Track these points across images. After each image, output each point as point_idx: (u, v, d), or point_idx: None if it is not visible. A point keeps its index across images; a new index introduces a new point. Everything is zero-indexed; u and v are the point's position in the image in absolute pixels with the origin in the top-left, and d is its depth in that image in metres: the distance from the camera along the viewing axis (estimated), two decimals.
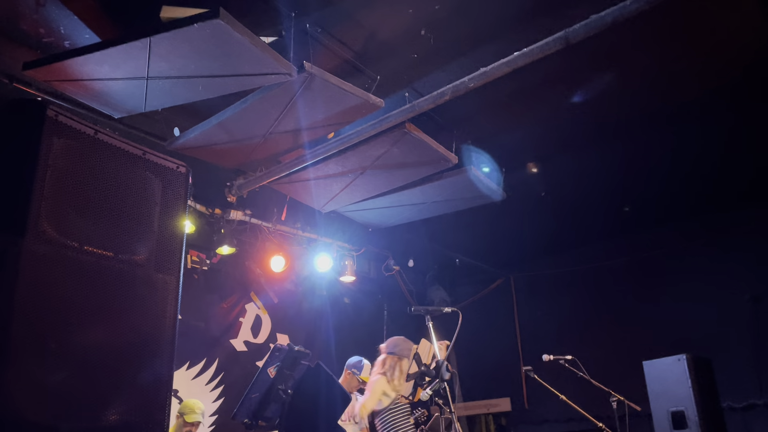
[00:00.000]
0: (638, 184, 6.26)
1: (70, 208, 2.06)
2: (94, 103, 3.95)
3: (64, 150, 2.05)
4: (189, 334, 5.86)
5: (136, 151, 2.28)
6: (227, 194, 5.19)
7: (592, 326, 7.45)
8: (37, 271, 1.95)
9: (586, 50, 3.70)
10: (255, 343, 6.64)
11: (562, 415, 7.06)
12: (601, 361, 5.94)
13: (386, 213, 5.92)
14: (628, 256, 7.35)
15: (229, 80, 3.64)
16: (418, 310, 3.68)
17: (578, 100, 4.80)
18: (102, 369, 2.14)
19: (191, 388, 5.79)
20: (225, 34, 3.17)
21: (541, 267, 8.10)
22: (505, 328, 8.25)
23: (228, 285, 6.52)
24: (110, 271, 2.16)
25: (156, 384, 2.31)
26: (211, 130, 4.28)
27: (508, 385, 7.91)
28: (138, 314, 2.24)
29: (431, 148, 4.59)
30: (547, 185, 6.25)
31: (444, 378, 3.37)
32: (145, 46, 3.31)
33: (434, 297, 7.92)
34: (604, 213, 6.91)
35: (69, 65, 3.51)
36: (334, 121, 4.29)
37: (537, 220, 7.04)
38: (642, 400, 5.27)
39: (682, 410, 5.22)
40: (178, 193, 2.40)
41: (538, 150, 5.63)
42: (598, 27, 3.27)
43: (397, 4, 3.77)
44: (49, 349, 2.01)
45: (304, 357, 3.41)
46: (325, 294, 7.32)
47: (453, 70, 4.24)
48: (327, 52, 4.06)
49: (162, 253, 2.32)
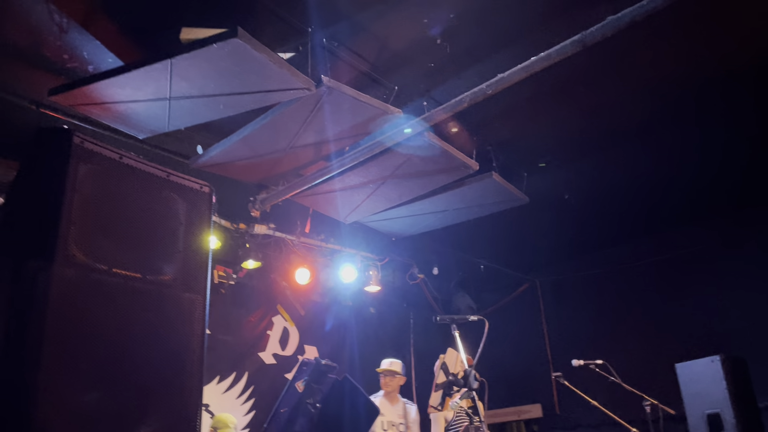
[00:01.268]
0: (663, 182, 6.17)
1: (98, 232, 2.10)
2: (119, 125, 4.04)
3: (90, 175, 2.10)
4: (218, 348, 5.92)
5: (160, 174, 2.32)
6: (251, 209, 5.24)
7: (621, 329, 7.34)
8: (68, 295, 1.99)
9: (604, 51, 3.67)
10: (283, 355, 6.67)
11: (594, 419, 6.95)
12: (633, 364, 5.85)
13: (409, 222, 5.93)
14: (655, 256, 7.24)
15: (249, 97, 3.69)
16: (443, 320, 3.67)
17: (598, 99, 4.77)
18: (133, 388, 2.17)
19: (222, 402, 5.84)
20: (244, 53, 3.22)
21: (567, 270, 8.02)
22: (532, 333, 8.17)
23: (254, 299, 6.58)
24: (138, 292, 2.20)
25: (186, 401, 2.34)
26: (233, 147, 4.34)
27: (539, 391, 7.83)
28: (167, 333, 2.27)
29: (451, 155, 4.59)
30: (569, 187, 6.19)
31: (472, 387, 3.36)
32: (166, 67, 3.38)
33: (460, 304, 7.89)
34: (628, 213, 6.81)
35: (93, 89, 3.59)
36: (353, 132, 4.32)
37: (561, 223, 6.97)
38: (676, 403, 5.17)
39: (717, 412, 5.11)
40: (202, 212, 2.44)
41: (559, 152, 5.58)
42: (615, 28, 3.25)
43: (411, 14, 3.78)
44: (81, 370, 2.04)
45: (331, 370, 3.42)
46: (351, 305, 7.35)
47: (470, 77, 4.23)
48: (344, 65, 4.09)
49: (188, 272, 2.36)
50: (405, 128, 4.16)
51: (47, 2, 3.46)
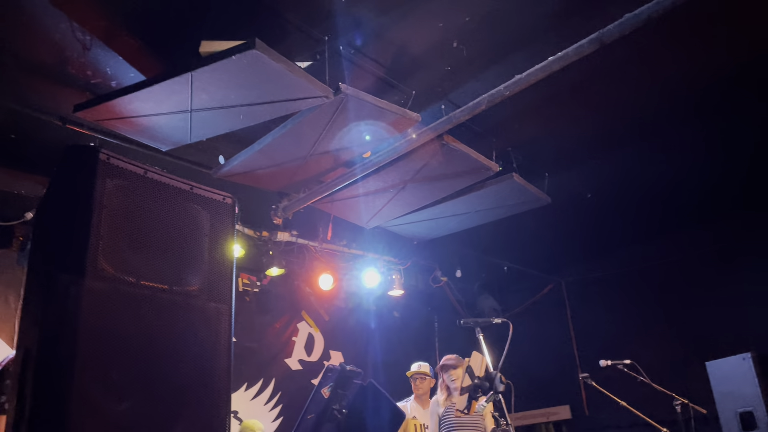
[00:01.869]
0: (686, 179, 6.08)
1: (125, 245, 2.16)
2: (142, 138, 4.11)
3: (116, 190, 2.15)
4: (244, 355, 5.99)
5: (184, 186, 2.37)
6: (273, 217, 5.29)
7: (649, 328, 7.25)
8: (98, 307, 2.05)
9: (622, 49, 3.64)
10: (309, 361, 6.71)
11: (624, 420, 6.86)
12: (662, 364, 5.78)
13: (430, 225, 5.93)
14: (681, 253, 7.14)
15: (269, 107, 3.73)
16: (467, 323, 3.66)
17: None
18: (163, 397, 2.22)
19: (250, 409, 5.90)
20: (262, 64, 3.27)
21: (592, 270, 7.94)
22: (559, 333, 8.10)
23: (279, 305, 6.63)
24: (166, 303, 2.25)
25: (215, 408, 2.38)
26: (254, 156, 4.39)
27: (567, 392, 7.75)
28: (194, 343, 2.31)
29: (471, 157, 4.59)
30: (592, 186, 6.14)
31: (498, 390, 3.35)
32: (186, 80, 3.44)
33: (484, 306, 7.85)
34: (652, 210, 6.73)
35: (116, 104, 3.67)
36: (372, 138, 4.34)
37: (584, 223, 6.91)
38: (707, 403, 5.10)
39: (750, 410, 5.04)
40: (225, 223, 2.48)
41: (579, 151, 5.54)
42: (633, 25, 3.23)
43: (427, 19, 3.79)
44: (113, 380, 2.09)
45: (356, 376, 3.44)
46: (375, 309, 7.36)
47: (488, 78, 4.22)
48: (361, 71, 4.11)
49: (214, 282, 2.40)
50: (423, 132, 4.17)
51: (71, 20, 3.54)
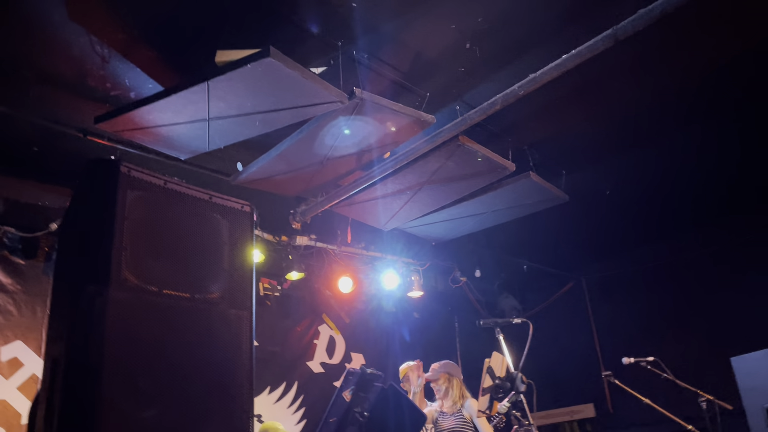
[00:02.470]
0: (707, 173, 6.01)
1: (148, 255, 2.21)
2: (162, 147, 4.18)
3: (138, 202, 2.20)
4: (267, 359, 6.04)
5: (203, 196, 2.41)
6: (292, 221, 5.34)
7: (672, 324, 7.17)
8: (123, 317, 2.09)
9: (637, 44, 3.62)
10: (331, 364, 6.75)
11: (649, 418, 6.75)
12: (686, 360, 5.72)
13: (448, 226, 5.93)
14: (702, 249, 7.05)
15: (285, 113, 3.77)
16: (487, 323, 3.67)
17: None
18: (187, 403, 2.26)
19: (274, 412, 5.94)
20: (277, 71, 3.31)
21: (613, 267, 7.87)
22: (581, 331, 8.04)
23: (300, 309, 6.67)
24: (188, 311, 2.29)
25: (238, 414, 2.42)
26: (272, 162, 4.44)
27: (591, 390, 7.69)
28: (216, 349, 2.35)
29: (487, 157, 4.59)
30: (610, 183, 6.09)
31: (519, 389, 3.35)
32: (203, 89, 3.49)
33: (504, 306, 7.83)
34: (672, 206, 6.66)
35: (136, 115, 3.74)
36: (387, 141, 4.37)
37: (603, 220, 6.86)
38: (733, 398, 5.02)
39: None
40: (244, 231, 2.52)
41: (597, 147, 5.50)
42: (647, 21, 3.21)
43: (439, 21, 3.81)
44: (140, 388, 2.14)
45: (377, 379, 3.46)
46: (395, 311, 7.37)
47: (502, 78, 4.21)
48: (375, 75, 4.14)
49: (234, 289, 2.44)
50: (438, 134, 4.18)
51: (89, 34, 3.62)
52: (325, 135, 4.15)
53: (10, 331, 4.66)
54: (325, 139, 4.21)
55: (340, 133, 4.12)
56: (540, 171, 5.15)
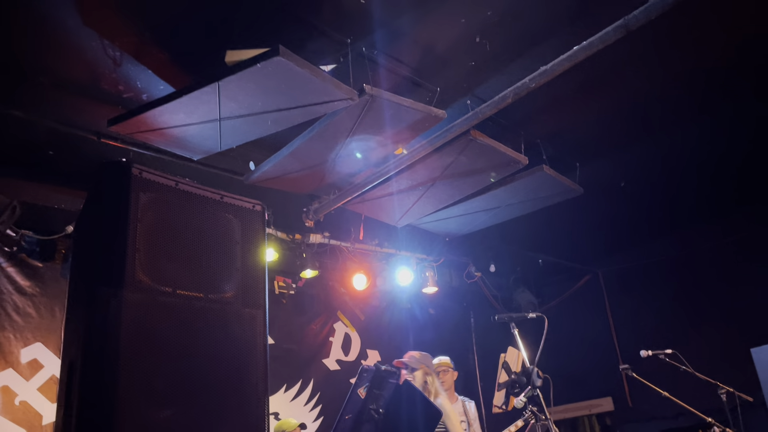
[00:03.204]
0: (723, 163, 5.92)
1: (161, 256, 2.22)
2: (174, 148, 4.20)
3: (150, 203, 2.22)
4: (282, 357, 6.07)
5: (214, 196, 2.42)
6: (305, 219, 5.35)
7: (690, 316, 7.09)
8: (138, 318, 2.11)
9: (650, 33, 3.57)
10: (347, 361, 6.76)
11: (669, 410, 6.73)
12: (705, 352, 5.65)
13: (462, 221, 5.91)
14: (720, 239, 6.96)
15: (295, 112, 3.77)
16: (501, 318, 3.65)
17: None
18: (203, 402, 2.27)
19: (290, 410, 5.97)
20: (287, 70, 3.31)
21: (629, 259, 7.79)
22: (598, 325, 7.98)
23: (315, 306, 6.70)
24: (202, 310, 2.31)
25: (253, 412, 2.43)
26: (284, 161, 4.44)
27: (609, 384, 7.64)
28: (231, 348, 2.37)
29: (499, 152, 4.56)
30: (625, 175, 6.03)
31: (536, 384, 3.33)
32: (214, 90, 3.50)
33: (520, 300, 7.78)
34: (689, 197, 6.58)
35: (148, 117, 3.76)
36: (399, 137, 4.35)
37: (619, 212, 6.80)
38: (754, 390, 4.97)
39: None
40: (256, 230, 2.53)
41: (611, 139, 5.44)
42: (658, 10, 3.16)
43: (448, 16, 3.78)
44: (155, 388, 2.15)
45: (391, 375, 3.45)
46: (410, 307, 7.37)
47: (513, 72, 4.19)
48: (385, 71, 4.12)
49: (247, 288, 2.45)
50: (450, 128, 4.16)
51: (101, 38, 3.64)
52: (336, 132, 4.15)
53: (30, 333, 4.73)
54: (336, 136, 4.20)
55: (353, 130, 4.12)
56: (553, 164, 5.11)
